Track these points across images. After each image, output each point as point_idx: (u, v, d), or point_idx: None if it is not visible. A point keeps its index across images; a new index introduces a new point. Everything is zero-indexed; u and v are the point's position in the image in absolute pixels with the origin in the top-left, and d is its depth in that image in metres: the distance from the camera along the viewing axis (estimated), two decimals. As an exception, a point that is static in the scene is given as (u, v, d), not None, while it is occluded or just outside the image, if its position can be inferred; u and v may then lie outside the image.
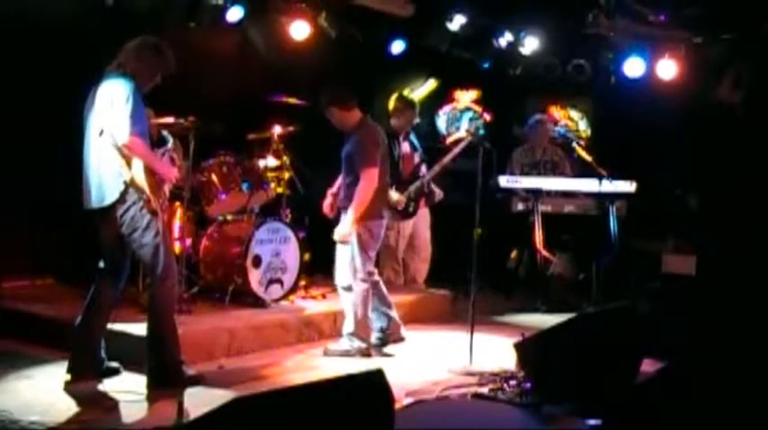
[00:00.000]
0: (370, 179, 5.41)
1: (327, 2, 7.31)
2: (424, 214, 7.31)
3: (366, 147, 5.48)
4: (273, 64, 7.36)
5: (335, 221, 5.67)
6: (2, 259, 5.94)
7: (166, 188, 4.67)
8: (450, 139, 9.36)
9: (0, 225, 5.89)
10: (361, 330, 5.53)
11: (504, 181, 7.50)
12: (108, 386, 4.41)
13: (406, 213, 6.94)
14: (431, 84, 9.28)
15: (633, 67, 7.83)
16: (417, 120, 7.19)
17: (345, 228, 5.44)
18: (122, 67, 4.54)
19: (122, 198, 4.41)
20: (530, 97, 9.10)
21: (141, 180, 4.41)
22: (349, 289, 5.55)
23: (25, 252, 6.26)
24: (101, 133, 4.44)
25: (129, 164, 4.41)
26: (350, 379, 3.11)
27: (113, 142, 4.38)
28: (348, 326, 5.56)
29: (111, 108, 4.39)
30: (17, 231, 6.07)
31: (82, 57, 6.25)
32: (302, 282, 6.54)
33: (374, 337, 5.71)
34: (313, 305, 6.37)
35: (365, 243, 5.51)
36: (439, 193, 7.13)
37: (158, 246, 4.45)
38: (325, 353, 5.54)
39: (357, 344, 5.52)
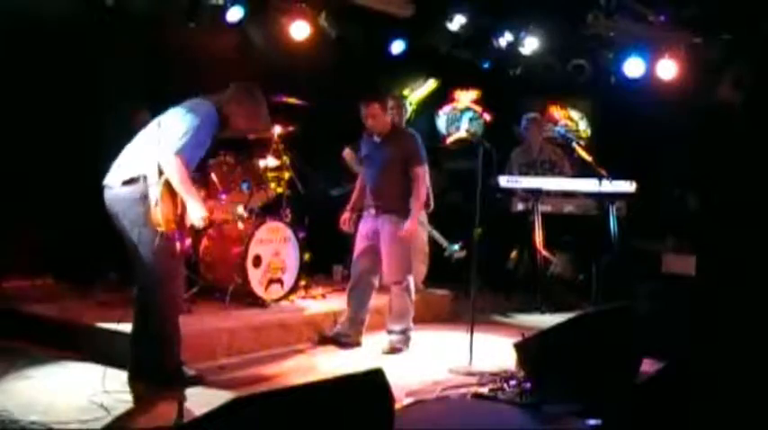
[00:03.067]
0: (425, 177, 5.69)
1: (327, 2, 7.31)
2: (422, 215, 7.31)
3: (421, 147, 5.73)
4: (273, 64, 7.36)
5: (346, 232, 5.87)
6: (2, 259, 5.94)
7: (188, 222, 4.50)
8: (450, 139, 9.37)
9: (0, 225, 5.89)
10: (411, 320, 5.78)
11: (504, 181, 7.50)
12: (108, 386, 4.40)
13: None
14: (431, 84, 9.28)
15: (633, 67, 7.83)
16: (405, 113, 7.19)
17: (415, 226, 5.67)
18: (219, 103, 4.52)
19: (131, 184, 4.32)
20: (530, 97, 9.09)
21: (158, 213, 4.26)
22: (400, 284, 5.67)
23: (25, 252, 6.26)
24: (159, 124, 4.41)
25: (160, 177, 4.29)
26: (350, 379, 3.11)
27: (158, 151, 4.31)
28: (406, 321, 5.73)
29: (180, 120, 4.35)
30: (17, 231, 6.07)
31: (82, 57, 6.27)
32: (302, 282, 6.54)
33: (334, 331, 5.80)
34: (313, 305, 6.37)
35: (417, 241, 5.90)
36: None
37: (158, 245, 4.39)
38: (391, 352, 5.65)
39: (410, 334, 5.77)
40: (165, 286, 4.46)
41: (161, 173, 4.30)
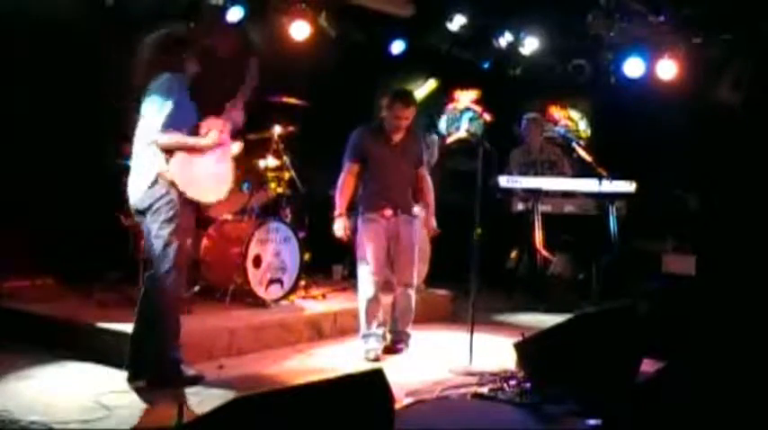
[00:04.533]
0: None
1: (327, 2, 7.30)
2: (422, 215, 7.30)
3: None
4: (273, 64, 7.35)
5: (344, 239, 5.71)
6: (2, 259, 5.94)
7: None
8: (450, 139, 9.36)
9: (0, 225, 5.89)
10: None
11: (504, 181, 7.50)
12: (108, 386, 4.41)
13: None
14: (431, 84, 9.28)
15: (633, 67, 7.83)
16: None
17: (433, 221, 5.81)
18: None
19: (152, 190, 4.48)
20: (530, 97, 9.09)
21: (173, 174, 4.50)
22: (412, 286, 5.69)
23: (25, 252, 6.26)
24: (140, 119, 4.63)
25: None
26: (350, 379, 3.12)
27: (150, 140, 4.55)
28: (408, 322, 5.76)
29: (150, 104, 4.57)
30: (17, 231, 6.07)
31: (82, 57, 6.27)
32: (302, 282, 6.54)
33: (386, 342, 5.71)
34: (313, 305, 6.37)
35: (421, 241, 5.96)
36: None
37: (171, 243, 4.44)
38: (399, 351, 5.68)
39: (410, 334, 5.80)
40: (170, 278, 4.49)
41: (167, 152, 4.49)
